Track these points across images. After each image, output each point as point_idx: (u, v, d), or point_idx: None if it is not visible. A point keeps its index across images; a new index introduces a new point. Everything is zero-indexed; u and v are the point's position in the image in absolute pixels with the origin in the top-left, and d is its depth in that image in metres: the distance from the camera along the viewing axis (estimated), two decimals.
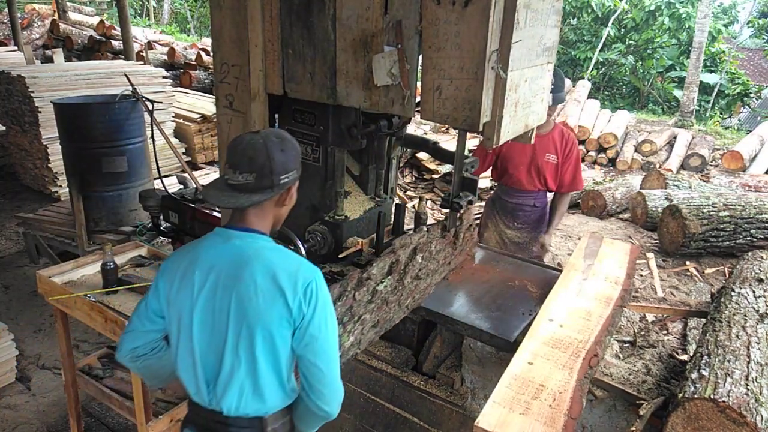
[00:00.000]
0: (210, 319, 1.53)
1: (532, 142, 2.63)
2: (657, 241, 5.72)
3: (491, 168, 3.54)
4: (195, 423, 1.64)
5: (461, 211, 2.51)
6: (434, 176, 7.00)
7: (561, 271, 2.84)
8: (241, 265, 1.52)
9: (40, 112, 5.65)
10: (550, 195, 3.50)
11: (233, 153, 1.57)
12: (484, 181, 7.00)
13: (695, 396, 1.98)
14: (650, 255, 5.41)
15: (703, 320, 2.91)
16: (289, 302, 1.49)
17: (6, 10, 10.94)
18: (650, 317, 4.07)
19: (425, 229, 2.53)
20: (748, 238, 5.31)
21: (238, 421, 1.55)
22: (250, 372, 1.51)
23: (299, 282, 1.50)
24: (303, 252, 2.32)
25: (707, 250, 5.40)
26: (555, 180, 3.36)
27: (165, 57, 10.55)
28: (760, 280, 2.96)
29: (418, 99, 2.24)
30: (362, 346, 2.09)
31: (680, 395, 2.03)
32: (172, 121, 6.92)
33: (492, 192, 3.55)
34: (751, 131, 9.56)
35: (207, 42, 12.93)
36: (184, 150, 7.04)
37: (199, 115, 7.20)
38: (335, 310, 1.66)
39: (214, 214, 3.31)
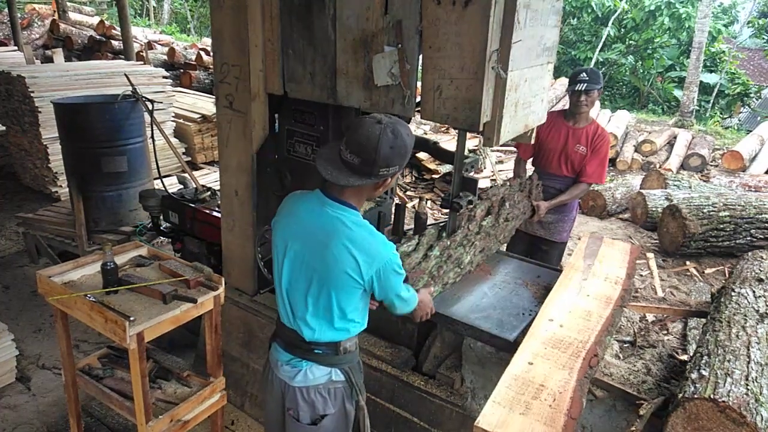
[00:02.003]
0: (298, 268, 1.84)
1: (533, 141, 2.67)
2: (657, 241, 5.73)
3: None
4: (282, 339, 1.99)
5: (460, 212, 2.52)
6: (434, 176, 7.00)
7: (561, 271, 2.84)
8: (329, 235, 1.76)
9: (40, 112, 5.65)
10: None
11: (353, 132, 1.72)
12: (484, 181, 7.01)
13: (695, 396, 1.98)
14: (650, 255, 5.42)
15: (703, 320, 2.91)
16: (363, 275, 1.77)
17: (6, 10, 10.94)
18: (650, 317, 4.07)
19: (508, 183, 3.10)
20: (748, 238, 5.31)
21: (316, 343, 1.90)
22: (326, 316, 1.86)
23: (374, 261, 1.76)
24: None
25: (707, 250, 5.40)
26: (579, 169, 3.54)
27: (165, 57, 10.55)
28: (760, 280, 2.96)
29: (418, 99, 2.24)
30: (474, 265, 2.81)
31: (680, 395, 2.03)
32: (172, 121, 6.91)
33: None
34: (751, 131, 9.56)
35: (207, 42, 12.92)
36: (184, 150, 7.03)
37: (199, 115, 7.20)
38: (456, 237, 2.43)
39: (214, 214, 3.31)
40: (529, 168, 3.74)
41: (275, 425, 2.09)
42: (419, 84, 2.20)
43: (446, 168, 6.77)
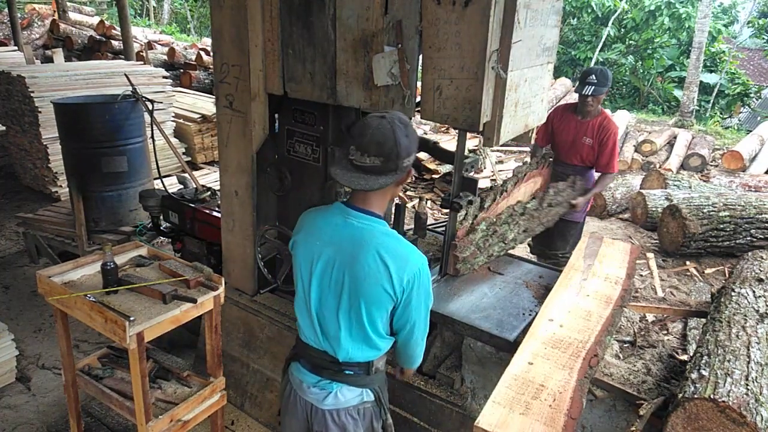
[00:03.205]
0: (326, 285, 1.77)
1: (533, 141, 2.70)
2: (657, 241, 5.72)
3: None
4: (306, 359, 1.91)
5: (459, 212, 2.52)
6: (434, 176, 7.00)
7: (561, 271, 2.84)
8: (358, 247, 1.70)
9: (40, 112, 5.65)
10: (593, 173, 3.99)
11: (362, 136, 1.67)
12: (484, 181, 7.00)
13: (695, 396, 1.98)
14: (650, 255, 5.42)
15: (703, 320, 2.91)
16: (395, 286, 1.70)
17: (6, 10, 10.93)
18: (650, 317, 4.07)
19: (527, 162, 3.42)
20: (748, 238, 5.31)
21: (347, 364, 1.84)
22: (359, 333, 1.79)
23: (406, 271, 1.69)
24: None
25: (707, 250, 5.40)
26: (587, 159, 3.80)
27: (165, 57, 10.55)
28: (760, 280, 2.96)
29: (418, 99, 2.24)
30: (518, 242, 3.06)
31: (680, 395, 2.03)
32: (172, 121, 6.91)
33: None
34: (751, 131, 9.56)
35: (207, 42, 12.93)
36: (184, 150, 7.03)
37: (199, 115, 7.19)
38: (503, 215, 2.67)
39: (214, 214, 3.31)
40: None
41: None
42: (419, 84, 2.20)
43: (446, 168, 6.77)
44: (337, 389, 1.86)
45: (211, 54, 4.40)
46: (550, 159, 3.66)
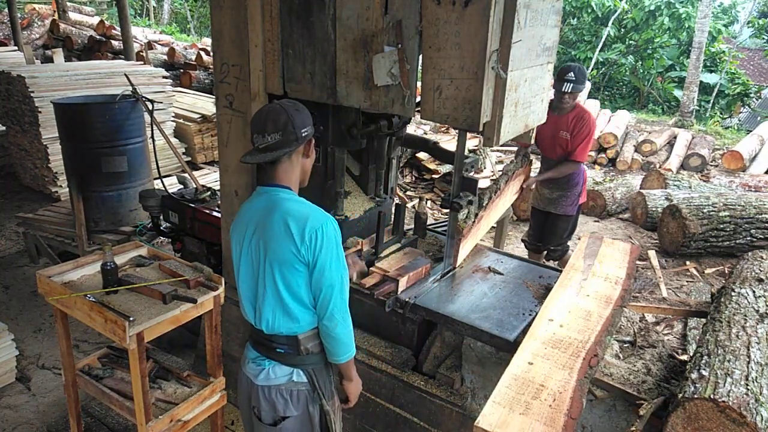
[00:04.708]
0: (249, 257, 1.91)
1: (532, 141, 2.71)
2: (657, 241, 5.72)
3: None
4: (251, 337, 2.05)
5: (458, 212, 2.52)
6: (434, 176, 7.00)
7: (561, 271, 2.84)
8: (267, 214, 1.85)
9: (40, 112, 5.65)
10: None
11: (258, 121, 1.85)
12: (484, 181, 7.00)
13: (695, 396, 1.98)
14: (651, 253, 5.41)
15: (703, 320, 2.91)
16: (297, 244, 1.80)
17: (6, 10, 10.94)
18: (650, 317, 4.07)
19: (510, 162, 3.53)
20: (748, 238, 5.31)
21: (276, 338, 1.93)
22: (276, 299, 1.88)
23: (306, 228, 1.80)
24: None
25: (707, 250, 5.40)
26: (567, 152, 3.95)
27: (165, 57, 10.55)
28: (760, 280, 2.95)
29: (418, 99, 2.24)
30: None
31: (680, 395, 2.03)
32: (172, 121, 6.91)
33: None
34: (751, 131, 9.56)
35: (207, 42, 12.92)
36: (184, 150, 7.03)
37: (199, 115, 7.19)
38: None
39: (214, 214, 3.31)
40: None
41: (246, 422, 2.13)
42: (419, 84, 2.20)
43: (446, 168, 6.77)
44: (269, 366, 1.96)
45: (211, 54, 4.40)
46: (530, 158, 3.78)
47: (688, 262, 5.34)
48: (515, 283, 2.78)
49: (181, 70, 9.87)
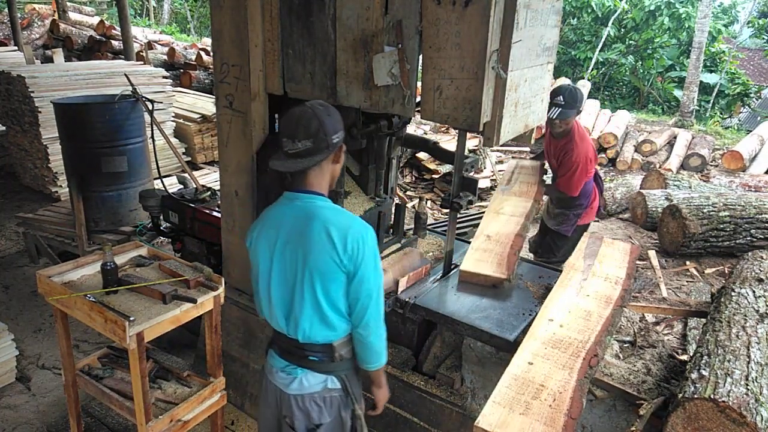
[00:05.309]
0: (284, 267, 1.86)
1: (532, 141, 2.71)
2: (657, 241, 5.72)
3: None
4: (278, 346, 1.99)
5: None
6: (434, 176, 7.00)
7: (561, 271, 2.84)
8: (304, 223, 1.81)
9: (40, 112, 5.65)
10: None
11: (289, 125, 1.81)
12: (484, 181, 7.00)
13: (695, 396, 1.98)
14: (651, 253, 5.41)
15: (703, 320, 2.91)
16: (340, 254, 1.78)
17: (6, 10, 10.93)
18: (650, 317, 4.07)
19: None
20: (748, 238, 5.31)
21: (310, 346, 1.90)
22: (314, 309, 1.84)
23: (349, 238, 1.78)
24: None
25: (707, 250, 5.40)
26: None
27: (165, 57, 10.54)
28: (760, 280, 2.95)
29: (418, 99, 2.24)
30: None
31: (680, 395, 2.03)
32: (172, 121, 6.91)
33: None
34: (751, 131, 9.55)
35: (207, 42, 12.91)
36: (184, 150, 7.03)
37: (199, 115, 7.19)
38: None
39: (214, 214, 3.31)
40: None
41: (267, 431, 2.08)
42: (419, 84, 2.20)
43: (446, 168, 6.77)
44: (302, 375, 1.92)
45: (211, 54, 4.40)
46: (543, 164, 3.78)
47: (688, 262, 5.34)
48: (515, 283, 2.78)
49: (181, 70, 9.86)
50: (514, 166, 3.88)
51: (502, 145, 6.04)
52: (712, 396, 1.95)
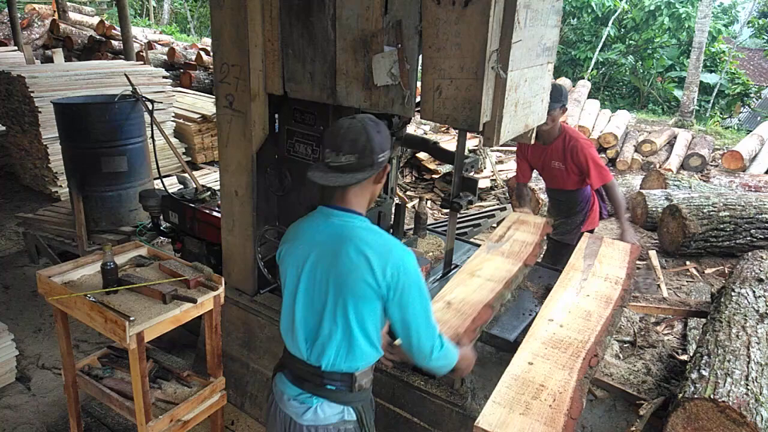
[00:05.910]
0: (311, 288, 1.73)
1: (532, 142, 2.68)
2: (657, 241, 5.72)
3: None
4: (290, 370, 1.85)
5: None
6: (434, 176, 7.00)
7: (561, 271, 2.84)
8: (339, 243, 1.68)
9: (40, 112, 5.65)
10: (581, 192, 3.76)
11: (335, 136, 1.71)
12: (484, 181, 7.00)
13: (695, 396, 1.98)
14: (652, 253, 5.41)
15: (703, 320, 2.91)
16: (377, 279, 1.65)
17: (6, 10, 10.93)
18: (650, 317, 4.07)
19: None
20: (748, 238, 5.31)
21: (330, 375, 1.77)
22: (345, 336, 1.72)
23: (388, 264, 1.65)
24: None
25: (707, 250, 5.40)
26: (562, 182, 3.65)
27: (165, 57, 10.55)
28: (760, 280, 2.96)
29: (418, 99, 2.24)
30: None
31: (680, 395, 2.03)
32: (172, 121, 6.91)
33: None
34: (751, 131, 9.56)
35: (207, 42, 12.92)
36: (184, 150, 7.03)
37: (199, 115, 7.19)
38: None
39: (214, 214, 3.31)
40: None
41: None
42: (419, 84, 2.20)
43: (446, 168, 6.77)
44: (317, 404, 1.79)
45: (211, 54, 4.40)
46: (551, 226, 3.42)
47: (688, 262, 5.35)
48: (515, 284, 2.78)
49: (181, 70, 9.87)
50: (513, 220, 3.34)
51: (502, 145, 6.04)
52: (712, 396, 1.95)
